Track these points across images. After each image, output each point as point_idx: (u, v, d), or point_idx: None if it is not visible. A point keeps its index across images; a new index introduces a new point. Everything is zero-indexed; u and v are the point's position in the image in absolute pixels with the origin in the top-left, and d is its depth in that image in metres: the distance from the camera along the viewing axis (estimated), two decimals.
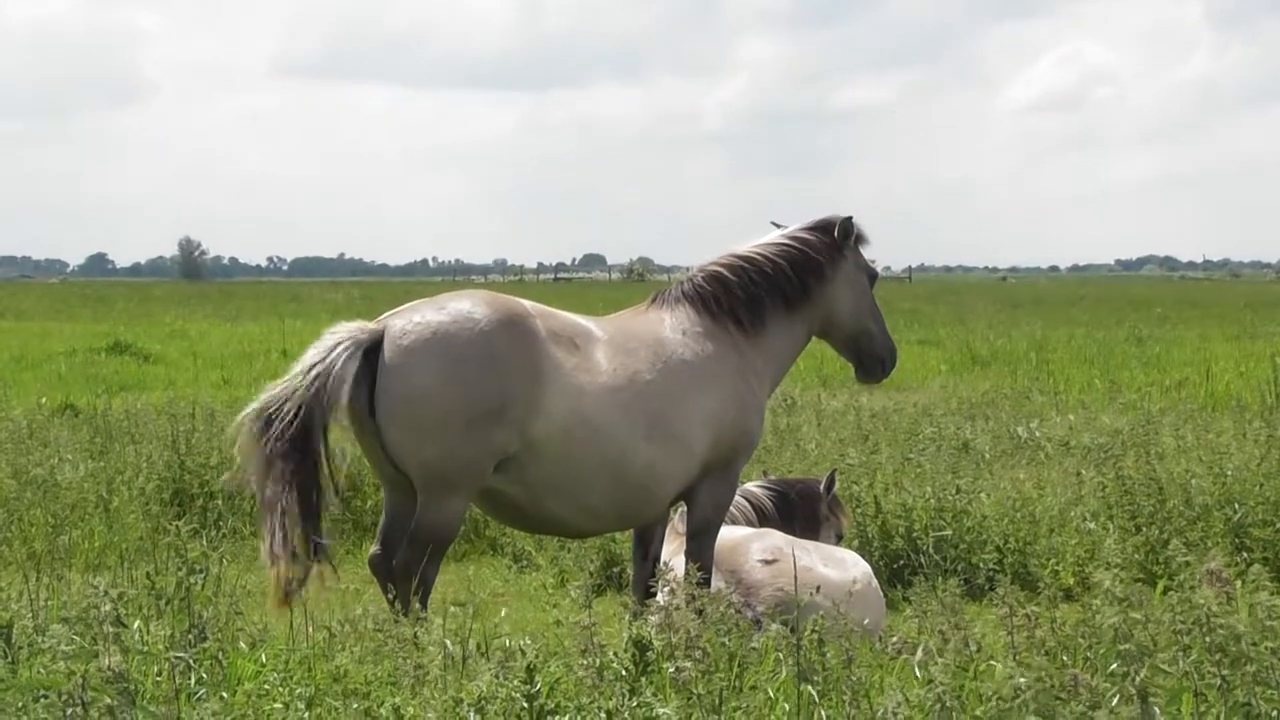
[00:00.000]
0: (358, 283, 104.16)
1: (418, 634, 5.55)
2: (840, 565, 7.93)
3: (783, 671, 5.50)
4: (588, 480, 7.05)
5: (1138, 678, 4.67)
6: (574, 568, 9.92)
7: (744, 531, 8.20)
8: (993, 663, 5.36)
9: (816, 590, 7.10)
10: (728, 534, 7.89)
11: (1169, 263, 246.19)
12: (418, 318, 6.91)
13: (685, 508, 7.64)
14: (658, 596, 6.05)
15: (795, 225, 7.98)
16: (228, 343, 31.55)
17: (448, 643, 5.53)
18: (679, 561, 7.27)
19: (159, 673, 5.29)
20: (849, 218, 7.96)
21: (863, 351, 8.13)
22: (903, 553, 9.78)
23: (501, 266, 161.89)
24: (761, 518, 8.74)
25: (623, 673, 5.00)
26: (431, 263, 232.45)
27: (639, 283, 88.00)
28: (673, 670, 5.03)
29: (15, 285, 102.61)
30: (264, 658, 5.74)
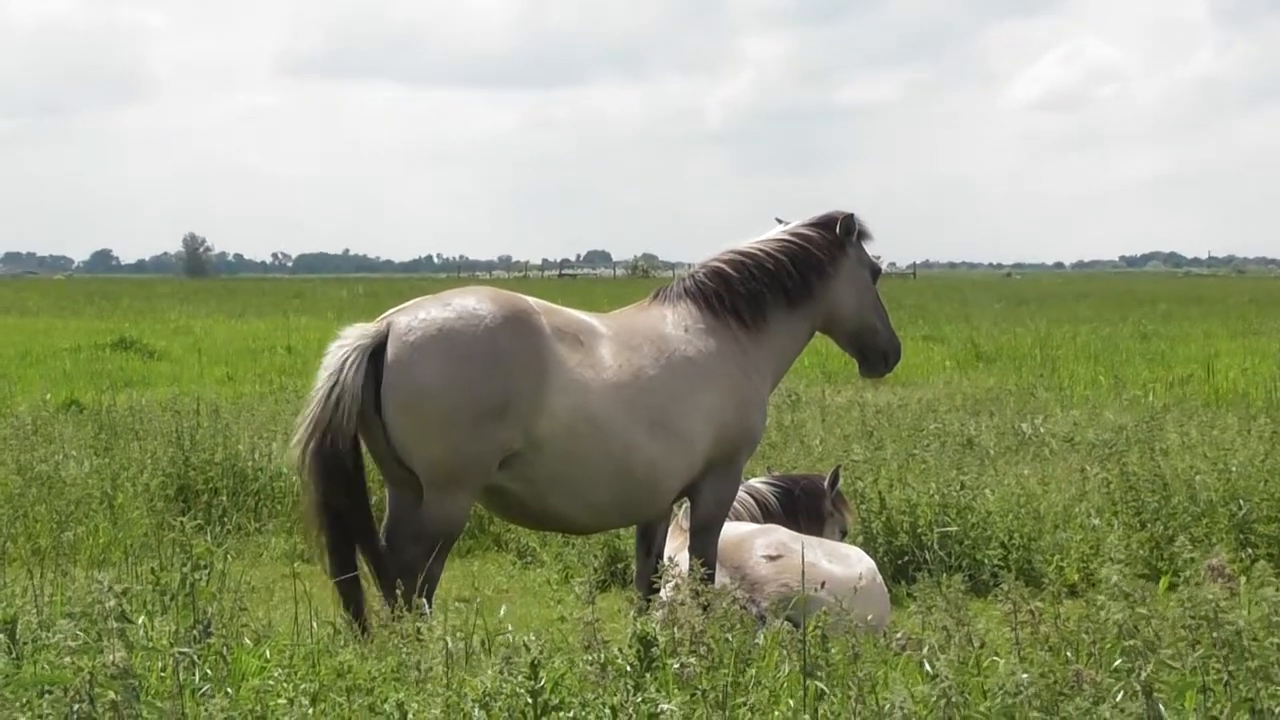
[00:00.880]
0: (362, 279, 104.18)
1: (420, 630, 5.56)
2: (845, 561, 7.92)
3: (787, 667, 5.49)
4: (591, 476, 7.05)
5: (1142, 673, 4.67)
6: (578, 564, 9.93)
7: (748, 527, 8.20)
8: (997, 659, 5.36)
9: (821, 586, 7.09)
10: (732, 530, 7.89)
11: (1173, 259, 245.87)
12: (423, 314, 6.91)
13: (689, 504, 7.65)
14: (662, 592, 6.05)
15: (797, 221, 7.99)
16: (232, 339, 31.58)
17: (448, 641, 5.52)
18: (683, 557, 7.26)
19: (164, 668, 5.29)
20: (851, 214, 7.97)
21: (866, 347, 8.14)
22: (907, 548, 9.77)
23: (506, 263, 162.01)
24: (766, 514, 8.73)
25: (627, 669, 5.00)
26: (436, 259, 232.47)
27: (643, 279, 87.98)
28: (677, 666, 5.03)
29: (20, 282, 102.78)
30: (268, 653, 5.74)
